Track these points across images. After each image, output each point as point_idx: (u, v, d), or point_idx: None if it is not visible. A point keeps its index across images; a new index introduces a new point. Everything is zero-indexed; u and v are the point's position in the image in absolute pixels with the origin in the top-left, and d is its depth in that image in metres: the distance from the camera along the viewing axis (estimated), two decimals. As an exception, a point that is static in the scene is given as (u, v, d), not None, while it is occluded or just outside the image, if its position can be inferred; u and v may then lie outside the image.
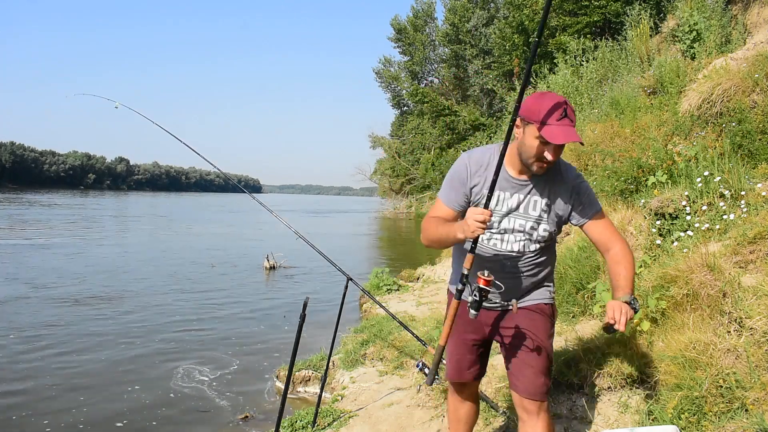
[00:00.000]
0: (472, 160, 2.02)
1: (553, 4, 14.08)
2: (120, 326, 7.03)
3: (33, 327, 6.84)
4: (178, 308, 8.16)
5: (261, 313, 8.04)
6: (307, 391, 4.73)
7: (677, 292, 2.78)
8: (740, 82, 4.82)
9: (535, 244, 2.04)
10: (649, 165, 4.60)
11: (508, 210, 2.00)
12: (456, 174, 2.04)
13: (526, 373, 2.06)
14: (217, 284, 10.24)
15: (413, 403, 3.67)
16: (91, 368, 5.51)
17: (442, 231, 1.97)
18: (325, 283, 10.22)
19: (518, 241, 2.03)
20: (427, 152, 32.50)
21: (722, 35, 6.77)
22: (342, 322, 3.76)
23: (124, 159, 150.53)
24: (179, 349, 6.14)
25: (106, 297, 8.71)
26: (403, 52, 35.80)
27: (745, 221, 3.41)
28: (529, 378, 2.05)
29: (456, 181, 2.04)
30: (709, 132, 4.74)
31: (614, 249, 1.96)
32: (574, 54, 11.31)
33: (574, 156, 6.74)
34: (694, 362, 2.36)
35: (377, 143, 42.60)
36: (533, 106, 1.84)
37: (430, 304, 6.66)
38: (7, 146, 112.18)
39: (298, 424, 3.58)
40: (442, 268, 8.80)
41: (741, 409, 2.13)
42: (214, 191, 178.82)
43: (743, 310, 2.49)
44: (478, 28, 27.23)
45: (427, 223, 2.07)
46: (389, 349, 4.76)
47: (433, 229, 2.02)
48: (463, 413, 2.41)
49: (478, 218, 1.79)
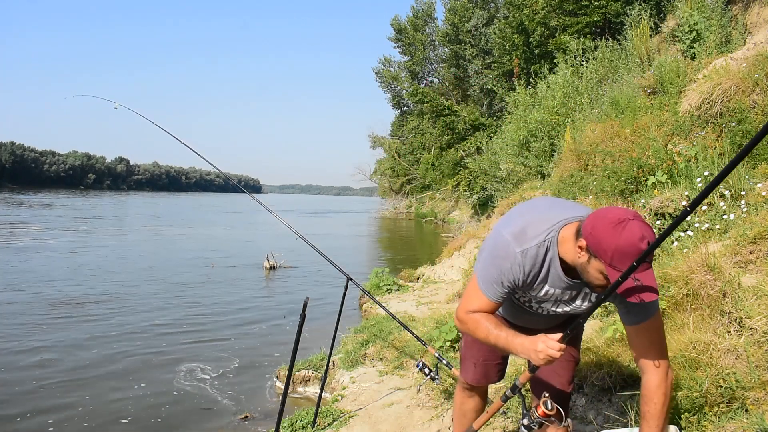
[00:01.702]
0: (526, 261, 1.71)
1: (553, 4, 14.09)
2: (121, 326, 7.02)
3: (35, 327, 6.85)
4: (179, 308, 8.15)
5: (261, 313, 8.04)
6: (307, 391, 4.73)
7: (677, 292, 2.78)
8: (740, 82, 4.82)
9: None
10: (649, 165, 4.61)
11: (556, 299, 1.83)
12: (506, 272, 1.74)
13: (553, 381, 2.06)
14: (217, 284, 10.24)
15: (413, 403, 3.67)
16: (94, 366, 5.54)
17: (496, 341, 1.75)
18: (325, 283, 10.22)
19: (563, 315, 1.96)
20: (427, 152, 32.51)
21: (722, 35, 6.77)
22: (342, 322, 3.77)
23: (124, 159, 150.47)
24: (180, 349, 6.15)
25: (107, 297, 8.70)
26: (403, 52, 35.79)
27: (745, 221, 3.41)
28: (555, 387, 2.06)
29: (506, 280, 1.75)
30: (709, 132, 4.74)
31: (649, 376, 1.67)
32: (574, 54, 11.31)
33: (574, 156, 6.74)
34: (694, 362, 2.36)
35: (377, 143, 42.63)
36: (605, 241, 1.50)
37: (430, 304, 6.66)
38: (7, 146, 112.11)
39: (298, 424, 3.58)
40: (441, 268, 8.80)
41: (741, 409, 2.13)
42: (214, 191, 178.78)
43: (743, 310, 2.49)
44: (478, 28, 27.21)
45: (472, 320, 1.83)
46: (389, 349, 4.76)
47: (484, 332, 1.79)
48: (469, 408, 2.37)
49: (553, 354, 1.60)
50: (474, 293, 1.84)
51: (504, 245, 1.74)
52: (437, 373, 3.24)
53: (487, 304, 1.81)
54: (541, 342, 1.62)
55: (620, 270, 1.47)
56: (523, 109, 12.19)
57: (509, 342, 1.71)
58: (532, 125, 10.81)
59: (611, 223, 1.49)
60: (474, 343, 2.23)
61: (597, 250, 1.52)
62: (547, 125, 10.40)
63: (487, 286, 1.80)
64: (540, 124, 10.55)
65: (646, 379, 1.68)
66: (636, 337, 1.70)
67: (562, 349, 1.61)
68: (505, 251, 1.73)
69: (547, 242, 1.70)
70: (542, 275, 1.73)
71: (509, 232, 1.75)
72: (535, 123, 10.70)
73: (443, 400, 3.50)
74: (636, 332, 1.70)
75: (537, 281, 1.75)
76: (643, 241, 1.45)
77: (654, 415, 1.64)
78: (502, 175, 12.46)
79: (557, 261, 1.69)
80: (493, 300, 1.80)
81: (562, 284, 1.75)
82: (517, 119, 11.98)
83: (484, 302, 1.81)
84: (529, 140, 10.91)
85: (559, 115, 10.18)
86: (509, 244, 1.73)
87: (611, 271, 1.50)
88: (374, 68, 38.41)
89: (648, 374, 1.67)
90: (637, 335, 1.70)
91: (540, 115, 10.65)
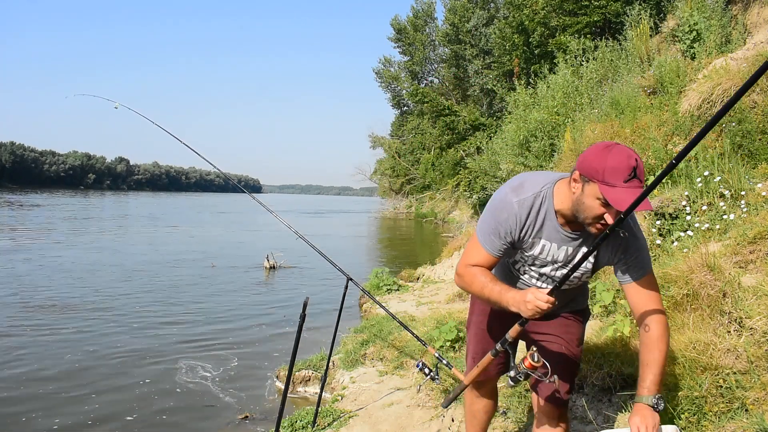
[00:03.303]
0: (522, 209, 1.79)
1: (553, 4, 14.10)
2: (122, 325, 7.03)
3: (37, 327, 6.85)
4: (179, 308, 8.15)
5: (261, 312, 8.04)
6: (307, 391, 4.73)
7: (677, 292, 2.78)
8: (740, 82, 4.82)
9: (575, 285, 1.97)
10: (649, 165, 4.60)
11: (552, 261, 1.88)
12: (503, 222, 1.81)
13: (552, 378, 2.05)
14: (217, 284, 10.25)
15: (413, 403, 3.67)
16: (97, 365, 5.57)
17: (490, 294, 1.80)
18: (325, 283, 10.22)
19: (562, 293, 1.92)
20: (427, 152, 32.52)
21: (722, 35, 6.77)
22: (342, 322, 3.77)
23: (124, 159, 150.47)
24: (180, 348, 6.15)
25: (107, 297, 8.70)
26: (403, 52, 35.81)
27: (745, 221, 3.41)
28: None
29: (502, 229, 1.82)
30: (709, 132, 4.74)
31: (651, 327, 1.73)
32: (574, 54, 11.31)
33: (574, 156, 6.74)
34: (694, 362, 2.36)
35: (377, 143, 42.65)
36: (596, 162, 1.60)
37: (430, 304, 6.66)
38: (7, 146, 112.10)
39: (298, 424, 3.58)
40: (441, 268, 8.80)
41: (741, 409, 2.13)
42: (214, 191, 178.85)
43: (743, 310, 2.49)
44: (478, 28, 27.21)
45: (470, 275, 1.87)
46: (389, 349, 4.76)
47: (479, 286, 1.84)
48: (479, 408, 2.36)
49: (542, 306, 1.64)
50: (473, 247, 1.90)
51: (502, 197, 1.84)
52: (437, 373, 3.23)
53: (485, 257, 1.86)
54: (530, 293, 1.68)
55: (613, 185, 1.56)
56: (523, 109, 12.19)
57: (502, 295, 1.76)
58: (532, 125, 10.81)
59: (599, 148, 1.62)
60: (473, 337, 2.23)
61: (589, 172, 1.61)
62: (547, 125, 10.40)
63: (485, 238, 1.86)
64: (540, 124, 10.55)
65: (648, 330, 1.74)
66: (637, 294, 1.78)
67: (550, 302, 1.64)
68: (503, 202, 1.82)
69: (543, 193, 1.79)
70: (538, 225, 1.80)
71: (508, 186, 1.86)
72: (535, 123, 10.69)
73: (443, 400, 3.50)
74: (637, 288, 1.78)
75: (533, 233, 1.81)
76: (631, 158, 1.56)
77: (659, 361, 1.71)
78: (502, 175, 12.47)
79: (552, 212, 1.79)
80: (491, 252, 1.85)
81: (558, 237, 1.81)
82: (517, 119, 11.98)
83: (483, 255, 1.86)
84: (529, 140, 10.91)
85: (559, 115, 10.18)
86: (507, 195, 1.82)
87: (605, 188, 1.57)
88: (374, 68, 38.49)
89: (650, 325, 1.74)
90: (638, 291, 1.78)
91: (540, 115, 10.64)
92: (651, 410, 1.65)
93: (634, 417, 1.66)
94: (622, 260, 1.78)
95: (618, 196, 1.55)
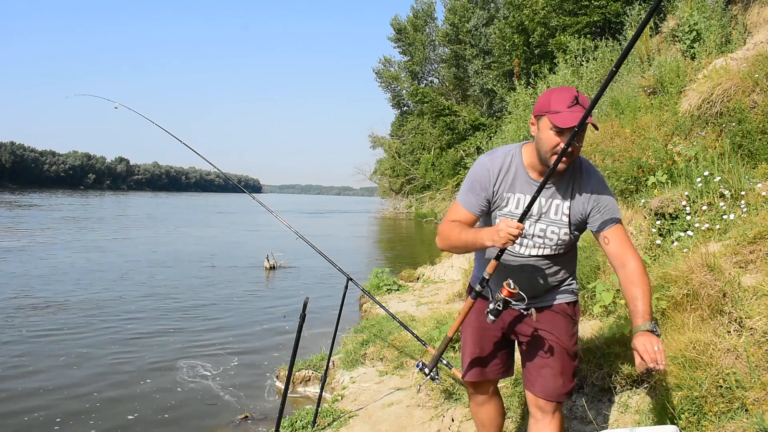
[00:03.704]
0: (494, 164, 1.97)
1: (553, 4, 14.10)
2: (122, 325, 7.03)
3: (37, 327, 6.85)
4: (179, 308, 8.16)
5: (261, 312, 8.05)
6: (307, 391, 4.73)
7: (677, 292, 2.78)
8: (740, 82, 4.82)
9: (555, 248, 1.99)
10: (649, 165, 4.61)
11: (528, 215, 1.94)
12: (477, 178, 1.99)
13: (543, 373, 2.04)
14: (217, 284, 10.25)
15: (413, 403, 3.67)
16: (98, 364, 5.58)
17: (467, 237, 1.91)
18: (325, 283, 10.22)
19: (537, 246, 1.99)
20: (427, 152, 32.52)
21: (722, 35, 6.76)
22: (342, 322, 3.77)
23: (124, 159, 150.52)
24: (180, 348, 6.15)
25: (108, 297, 8.71)
26: (403, 52, 35.81)
27: (745, 221, 3.41)
28: (546, 378, 2.04)
29: (477, 185, 1.98)
30: (709, 132, 4.74)
31: (629, 266, 1.84)
32: (574, 54, 11.31)
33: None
34: (694, 362, 2.36)
35: (377, 143, 42.63)
36: (543, 99, 1.85)
37: (430, 304, 6.66)
38: (7, 146, 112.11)
39: (298, 424, 3.58)
40: (441, 268, 8.80)
41: (741, 409, 2.13)
42: (214, 191, 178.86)
43: (743, 310, 2.49)
44: (478, 28, 27.23)
45: (447, 228, 2.01)
46: (389, 349, 4.76)
47: (456, 234, 1.96)
48: (485, 416, 2.33)
49: (512, 232, 1.75)
50: (453, 208, 2.08)
51: (478, 161, 2.06)
52: (437, 373, 3.23)
53: (463, 214, 2.02)
54: (501, 222, 1.81)
55: (559, 111, 1.77)
56: (523, 109, 12.19)
57: (477, 235, 1.89)
58: (532, 125, 10.80)
59: (547, 91, 1.88)
60: (467, 338, 2.22)
61: (539, 108, 1.85)
62: (547, 125, 10.39)
63: (462, 197, 2.04)
64: (540, 124, 10.54)
65: (629, 268, 1.85)
66: (612, 240, 1.91)
67: (520, 228, 1.76)
68: (478, 164, 2.04)
69: (512, 151, 2.01)
70: (510, 178, 1.97)
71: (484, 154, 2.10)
72: (535, 123, 10.68)
73: (443, 400, 3.50)
74: (611, 235, 1.91)
75: (507, 186, 1.97)
76: (571, 91, 1.81)
77: (645, 293, 1.80)
78: (502, 175, 12.45)
79: (522, 166, 1.96)
80: (468, 209, 2.01)
81: (530, 189, 1.93)
82: (517, 119, 11.98)
83: (461, 213, 2.02)
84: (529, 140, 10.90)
85: (559, 115, 10.17)
86: (481, 158, 2.07)
87: (552, 116, 1.78)
88: (374, 68, 38.46)
89: (630, 264, 1.85)
90: (613, 237, 1.91)
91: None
92: (650, 333, 1.71)
93: (637, 340, 1.71)
94: (595, 208, 1.92)
95: (563, 117, 1.76)
